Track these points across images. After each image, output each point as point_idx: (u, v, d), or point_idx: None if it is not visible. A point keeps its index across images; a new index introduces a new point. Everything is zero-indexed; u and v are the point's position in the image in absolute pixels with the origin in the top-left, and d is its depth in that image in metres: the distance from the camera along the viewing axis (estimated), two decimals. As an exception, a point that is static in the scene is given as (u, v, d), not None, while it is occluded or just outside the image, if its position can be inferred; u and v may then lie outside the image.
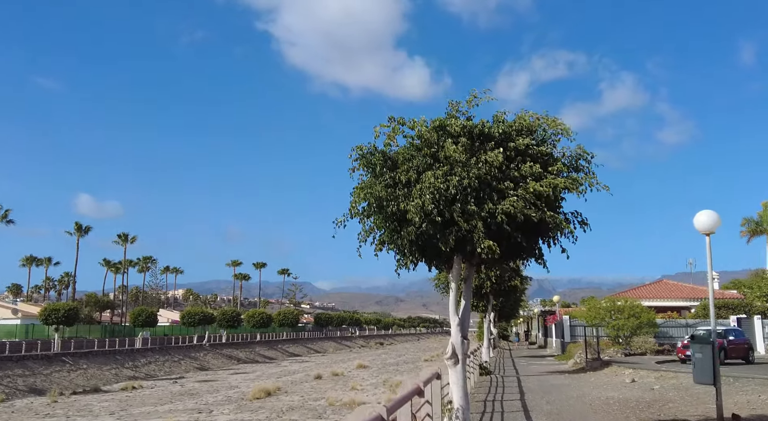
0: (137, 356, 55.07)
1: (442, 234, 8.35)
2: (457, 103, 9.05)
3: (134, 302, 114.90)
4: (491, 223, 8.21)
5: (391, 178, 8.57)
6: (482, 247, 8.10)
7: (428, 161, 8.60)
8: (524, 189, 8.33)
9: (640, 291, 51.72)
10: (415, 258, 9.10)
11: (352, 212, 9.01)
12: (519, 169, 8.54)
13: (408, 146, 8.97)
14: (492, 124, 9.02)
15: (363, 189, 8.73)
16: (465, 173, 8.17)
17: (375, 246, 9.05)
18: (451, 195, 8.22)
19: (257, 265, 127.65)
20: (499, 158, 8.29)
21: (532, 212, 8.14)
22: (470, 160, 8.32)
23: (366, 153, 8.89)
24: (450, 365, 9.17)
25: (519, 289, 33.74)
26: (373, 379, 45.11)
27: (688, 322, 40.30)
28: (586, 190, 8.85)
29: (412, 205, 8.16)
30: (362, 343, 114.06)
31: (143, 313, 68.93)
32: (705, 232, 10.45)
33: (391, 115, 8.56)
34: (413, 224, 8.25)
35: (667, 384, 18.19)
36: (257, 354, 73.87)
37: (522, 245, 8.67)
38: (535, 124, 9.10)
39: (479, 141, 8.71)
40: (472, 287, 9.99)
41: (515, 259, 9.67)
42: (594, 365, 27.11)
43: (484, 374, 24.39)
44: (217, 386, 41.93)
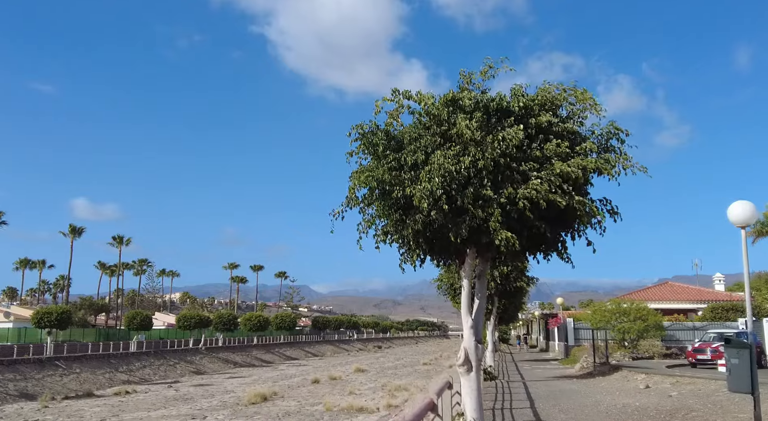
0: (132, 359, 54.37)
1: (454, 223, 7.33)
2: (470, 75, 8.00)
3: (130, 306, 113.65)
4: (511, 210, 7.18)
5: (396, 160, 7.56)
6: (500, 238, 7.04)
7: (438, 141, 7.57)
8: (549, 171, 7.28)
9: (644, 293, 50.70)
10: (423, 251, 8.07)
11: (350, 200, 7.97)
12: (542, 149, 7.49)
13: (415, 124, 7.94)
14: (510, 98, 7.95)
15: (363, 172, 7.67)
16: (480, 153, 7.15)
17: (376, 238, 8.01)
18: (464, 178, 7.20)
19: (254, 268, 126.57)
20: (520, 136, 7.24)
21: (558, 197, 7.08)
22: (486, 138, 7.29)
23: (367, 132, 7.85)
24: (462, 373, 8.12)
25: (524, 290, 32.74)
26: (372, 383, 44.36)
27: (695, 325, 39.33)
28: (619, 172, 7.78)
29: (418, 189, 7.13)
30: (360, 346, 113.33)
31: (138, 316, 68.15)
32: (740, 224, 9.48)
33: (395, 87, 7.50)
34: (420, 212, 7.22)
35: (685, 390, 17.16)
36: (254, 358, 73.19)
37: (545, 236, 7.62)
38: (560, 97, 8.03)
39: (496, 117, 7.67)
40: (487, 285, 8.95)
41: (536, 253, 8.58)
42: (602, 369, 26.10)
43: (489, 380, 23.39)
44: (212, 390, 41.41)
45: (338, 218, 8.06)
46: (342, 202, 8.05)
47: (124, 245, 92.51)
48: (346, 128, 7.78)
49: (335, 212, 8.08)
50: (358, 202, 8.08)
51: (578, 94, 8.02)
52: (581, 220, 7.84)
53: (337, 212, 8.08)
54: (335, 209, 8.06)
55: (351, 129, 7.87)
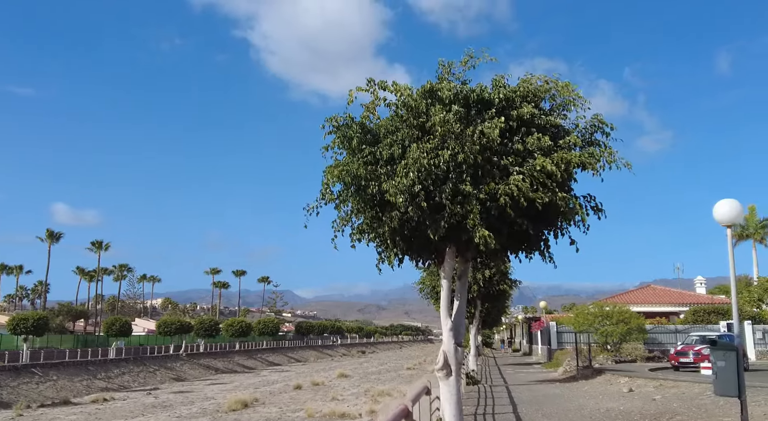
0: (110, 366, 53.64)
1: (432, 220, 7.01)
2: (449, 64, 7.67)
3: (111, 312, 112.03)
4: (491, 207, 6.87)
5: (371, 154, 7.21)
6: (479, 236, 6.72)
7: (415, 134, 7.24)
8: (531, 166, 6.97)
9: (627, 296, 50.81)
10: (400, 250, 7.72)
11: (325, 195, 7.61)
12: (524, 143, 7.18)
13: (392, 117, 7.61)
14: (491, 89, 7.64)
15: (337, 167, 7.32)
16: (459, 147, 6.82)
17: (352, 236, 7.66)
18: (442, 173, 6.88)
19: (237, 273, 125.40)
20: (500, 128, 6.91)
21: (541, 194, 6.78)
22: (465, 131, 6.96)
23: (342, 125, 7.50)
24: (441, 378, 7.77)
25: (507, 294, 32.53)
26: (355, 388, 44.06)
27: (677, 328, 39.40)
28: (603, 167, 7.49)
29: (394, 184, 6.80)
30: (344, 351, 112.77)
31: (117, 322, 67.21)
32: (726, 223, 9.26)
33: (370, 77, 7.16)
34: (397, 208, 6.89)
35: (669, 394, 16.98)
36: (236, 364, 72.51)
37: (527, 234, 7.31)
38: (542, 89, 7.72)
39: (476, 109, 7.35)
40: (467, 286, 8.62)
41: (517, 252, 8.28)
42: (585, 373, 25.92)
43: (472, 384, 23.09)
44: (192, 397, 41.00)
45: (312, 213, 7.72)
46: (316, 197, 7.70)
47: (104, 250, 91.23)
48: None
49: (309, 208, 7.73)
50: (333, 198, 7.74)
51: (560, 86, 7.74)
52: (564, 217, 7.54)
53: (312, 207, 7.74)
54: (309, 204, 7.71)
55: (325, 122, 7.54)
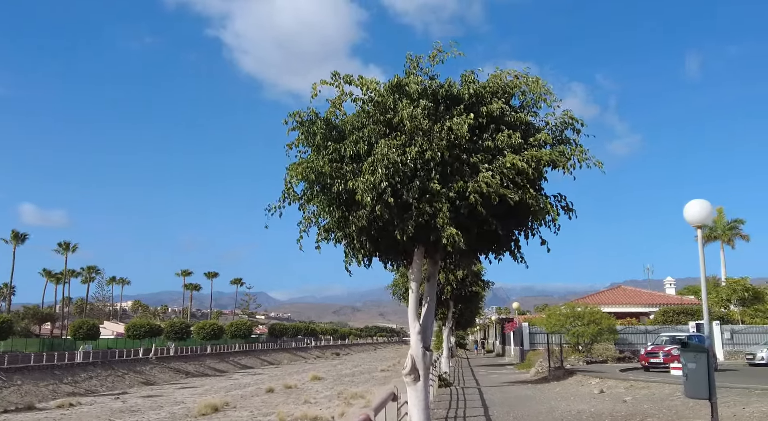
0: (77, 370, 52.74)
1: (400, 219, 6.77)
2: (417, 58, 7.43)
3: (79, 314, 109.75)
4: (461, 205, 6.67)
5: (337, 151, 6.96)
6: (447, 235, 6.51)
7: (383, 130, 7.00)
8: (501, 163, 6.78)
9: (598, 297, 51.29)
10: (367, 251, 7.47)
11: (288, 195, 7.33)
12: (494, 139, 6.98)
13: (358, 113, 7.36)
14: (460, 84, 7.43)
15: (301, 164, 7.03)
16: (427, 143, 6.61)
17: (318, 236, 7.39)
18: (410, 170, 6.65)
19: (209, 274, 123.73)
20: (469, 125, 6.70)
21: (511, 192, 6.59)
22: (433, 127, 6.74)
23: (305, 120, 7.22)
24: (409, 383, 7.53)
25: (479, 295, 32.51)
26: (328, 391, 43.87)
27: (647, 328, 39.80)
28: (575, 166, 7.32)
29: (361, 182, 6.55)
30: (318, 354, 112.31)
31: (84, 325, 65.99)
32: (696, 224, 9.20)
33: (335, 70, 6.90)
34: (363, 207, 6.64)
35: (640, 395, 16.99)
36: (207, 367, 71.72)
37: (497, 233, 7.11)
38: (512, 84, 7.54)
39: (444, 105, 7.13)
40: (437, 288, 8.40)
41: (488, 252, 8.08)
42: (557, 374, 25.96)
43: (444, 386, 22.92)
44: (161, 401, 40.57)
45: (275, 213, 7.42)
46: (279, 197, 7.40)
47: (71, 251, 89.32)
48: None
49: (272, 208, 7.43)
50: (297, 197, 7.45)
51: (530, 82, 7.56)
52: (535, 216, 7.37)
53: (274, 207, 7.45)
54: (272, 204, 7.42)
55: (288, 117, 7.25)
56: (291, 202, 7.46)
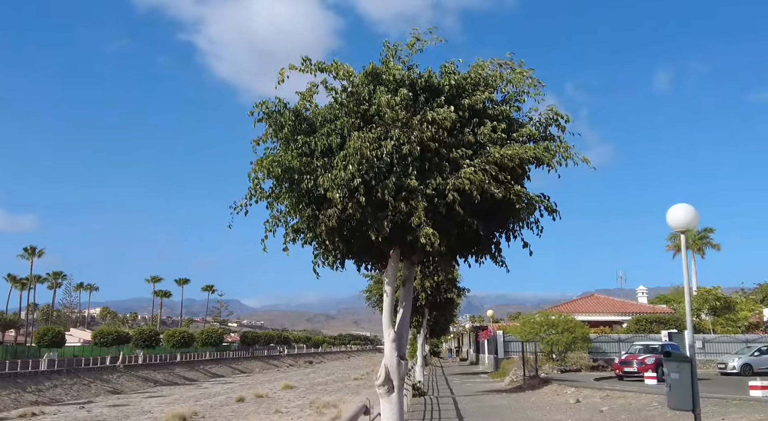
0: (42, 379, 51.26)
1: (374, 218, 6.31)
2: (395, 46, 6.97)
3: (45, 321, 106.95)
4: (439, 204, 6.22)
5: (307, 144, 6.46)
6: (423, 235, 6.07)
7: (357, 123, 6.54)
8: (483, 158, 6.35)
9: (571, 305, 51.38)
10: (340, 253, 6.97)
11: (255, 192, 6.81)
12: (476, 134, 6.56)
13: (331, 105, 6.89)
14: (440, 75, 6.99)
15: (267, 159, 6.52)
16: (404, 137, 6.16)
17: (286, 237, 6.88)
18: (386, 166, 6.19)
19: (179, 281, 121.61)
20: (451, 117, 6.27)
21: (494, 188, 6.17)
22: (412, 119, 6.30)
23: (273, 112, 6.71)
24: (382, 394, 7.04)
25: (454, 302, 32.15)
26: (300, 400, 43.09)
27: (620, 337, 39.84)
28: (560, 162, 6.93)
29: (331, 178, 6.08)
30: (291, 362, 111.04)
31: (49, 332, 64.16)
32: (680, 229, 8.91)
33: (306, 56, 6.42)
34: (334, 205, 6.17)
35: (616, 405, 16.73)
36: (177, 376, 70.31)
37: (478, 234, 6.68)
38: (495, 75, 7.13)
39: (424, 96, 6.69)
40: (413, 292, 7.94)
41: (467, 255, 7.65)
42: (532, 382, 25.67)
43: (418, 396, 22.45)
44: (128, 411, 39.60)
45: (240, 212, 6.89)
46: (245, 194, 6.86)
47: (37, 256, 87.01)
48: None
49: (237, 205, 6.90)
50: (265, 195, 6.93)
51: (516, 73, 7.10)
52: (518, 215, 6.94)
53: (240, 204, 6.91)
54: (237, 201, 6.89)
55: (254, 107, 6.72)
56: (258, 200, 6.94)
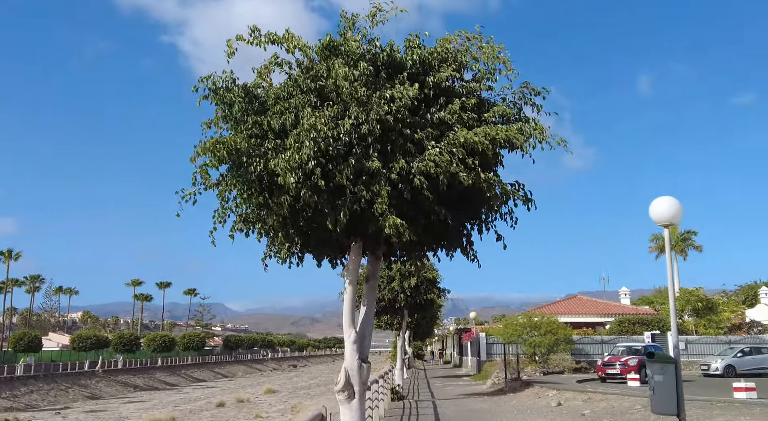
0: (17, 384, 50.36)
1: (331, 206, 5.74)
2: (353, 17, 6.38)
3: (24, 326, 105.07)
4: (403, 189, 5.68)
5: (257, 124, 5.88)
6: (388, 225, 5.51)
7: (312, 100, 5.97)
8: (450, 140, 5.82)
9: (554, 307, 51.14)
10: (294, 245, 6.39)
11: (202, 178, 6.22)
12: (442, 113, 6.03)
13: (285, 83, 6.31)
14: (404, 50, 6.44)
15: (211, 140, 5.93)
16: (364, 115, 5.61)
17: (234, 225, 6.30)
18: (344, 146, 5.63)
19: (161, 285, 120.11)
20: (409, 95, 5.72)
21: (462, 172, 5.63)
22: (372, 97, 5.75)
23: (220, 88, 6.13)
24: (342, 401, 6.48)
25: (435, 304, 31.63)
26: (281, 404, 42.38)
27: (603, 338, 39.56)
28: (534, 145, 6.39)
29: (283, 160, 5.50)
30: (274, 366, 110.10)
31: (25, 337, 63.13)
32: (663, 222, 8.46)
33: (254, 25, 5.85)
34: (287, 192, 5.59)
35: (598, 408, 16.31)
36: (157, 380, 69.34)
37: (447, 225, 6.14)
38: (463, 50, 6.58)
39: (386, 72, 6.15)
40: (377, 289, 7.39)
41: (436, 248, 7.10)
42: (514, 385, 25.24)
43: (397, 400, 21.91)
44: (105, 416, 38.92)
45: (188, 201, 6.30)
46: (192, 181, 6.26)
47: (13, 259, 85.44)
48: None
49: (186, 194, 6.30)
50: (212, 183, 6.34)
51: (485, 49, 6.56)
52: (490, 204, 6.39)
53: (188, 193, 6.32)
54: (186, 190, 6.29)
55: (198, 83, 6.13)
56: (207, 187, 6.36)
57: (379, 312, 28.06)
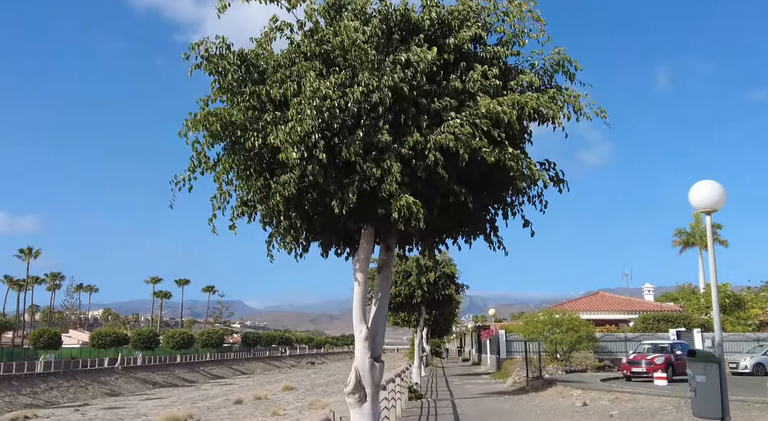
0: (37, 381, 50.81)
1: (338, 186, 5.11)
2: None
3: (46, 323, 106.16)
4: (417, 166, 5.03)
5: (255, 94, 5.26)
6: (400, 205, 4.87)
7: (317, 67, 5.34)
8: (472, 110, 5.16)
9: (575, 304, 50.07)
10: (298, 231, 5.77)
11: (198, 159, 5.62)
12: (463, 81, 5.36)
13: (287, 50, 5.70)
14: (420, 9, 5.76)
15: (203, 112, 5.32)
16: (375, 82, 4.96)
17: (233, 211, 5.70)
18: (352, 118, 4.99)
19: (180, 282, 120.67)
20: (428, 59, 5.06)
21: (485, 146, 4.97)
22: (384, 61, 5.11)
23: (213, 55, 5.52)
24: (352, 404, 5.84)
25: (454, 300, 30.88)
26: (299, 402, 42.13)
27: (627, 336, 38.56)
28: (568, 116, 5.67)
29: (285, 132, 4.88)
30: (292, 363, 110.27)
31: (45, 334, 63.43)
32: (705, 209, 7.73)
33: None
34: (290, 169, 4.98)
35: (626, 409, 15.55)
36: (176, 377, 69.63)
37: (467, 207, 5.47)
38: (488, 7, 5.88)
39: (399, 35, 5.49)
40: (390, 281, 6.74)
41: (456, 235, 6.43)
42: (536, 384, 24.49)
43: (414, 399, 21.30)
44: (123, 414, 38.94)
45: (181, 187, 5.71)
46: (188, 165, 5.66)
47: (33, 257, 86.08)
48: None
49: (178, 180, 5.72)
50: (209, 164, 5.73)
51: (514, 5, 5.82)
52: (516, 185, 5.66)
53: (182, 178, 5.73)
54: (179, 175, 5.71)
55: (189, 50, 5.52)
56: (204, 171, 5.76)
57: (396, 308, 27.44)
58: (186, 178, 5.82)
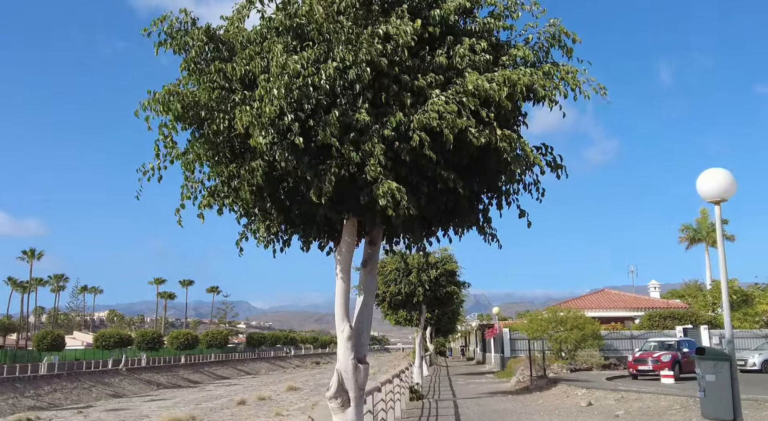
0: (41, 383, 50.81)
1: (313, 172, 4.69)
2: None
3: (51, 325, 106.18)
4: (401, 149, 4.61)
5: (221, 72, 4.85)
6: (383, 192, 4.45)
7: (290, 43, 4.92)
8: (459, 87, 4.73)
9: (580, 302, 49.48)
10: (274, 223, 5.35)
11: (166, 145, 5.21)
12: (450, 56, 4.94)
13: (259, 27, 5.28)
14: None
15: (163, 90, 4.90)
16: (351, 56, 4.53)
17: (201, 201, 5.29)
18: (326, 96, 4.56)
19: (183, 282, 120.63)
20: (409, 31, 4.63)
21: (473, 127, 4.54)
22: (362, 34, 4.69)
23: (176, 31, 5.10)
24: (335, 409, 5.43)
25: (456, 297, 30.38)
26: (303, 402, 41.79)
27: (633, 333, 38.04)
28: (565, 93, 5.23)
29: (253, 114, 4.46)
30: (297, 363, 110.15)
31: (48, 336, 63.24)
32: (713, 199, 7.29)
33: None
34: (260, 154, 4.56)
35: (633, 408, 15.10)
36: (181, 378, 69.53)
37: (456, 194, 5.05)
38: None
39: (379, 5, 5.06)
40: (376, 276, 6.30)
41: (447, 226, 5.99)
42: (540, 383, 24.04)
43: (415, 399, 20.89)
44: (126, 415, 38.83)
45: (150, 177, 5.30)
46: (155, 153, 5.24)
47: (36, 258, 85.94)
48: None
49: (146, 169, 5.31)
50: (178, 152, 5.32)
51: None
52: (510, 171, 5.22)
53: (151, 166, 5.32)
54: (147, 164, 5.31)
55: (151, 26, 5.10)
56: (174, 159, 5.35)
57: (396, 307, 27.01)
58: (155, 167, 5.39)
